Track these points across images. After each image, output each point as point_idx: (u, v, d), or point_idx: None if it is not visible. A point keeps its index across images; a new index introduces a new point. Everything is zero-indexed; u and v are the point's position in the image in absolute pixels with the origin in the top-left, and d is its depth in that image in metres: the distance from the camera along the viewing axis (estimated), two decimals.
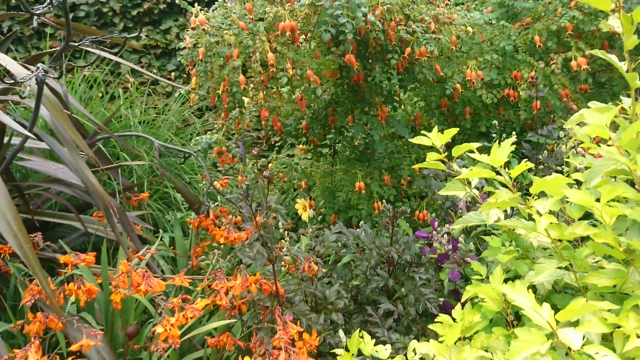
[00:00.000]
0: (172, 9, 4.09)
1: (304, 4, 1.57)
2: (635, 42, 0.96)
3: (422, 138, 1.11)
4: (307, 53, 1.82)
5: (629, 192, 0.93)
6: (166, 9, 4.08)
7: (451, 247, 1.65)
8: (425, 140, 1.10)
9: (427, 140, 1.10)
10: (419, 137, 1.11)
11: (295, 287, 1.44)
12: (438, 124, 2.63)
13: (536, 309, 0.73)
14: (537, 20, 2.16)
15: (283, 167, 2.49)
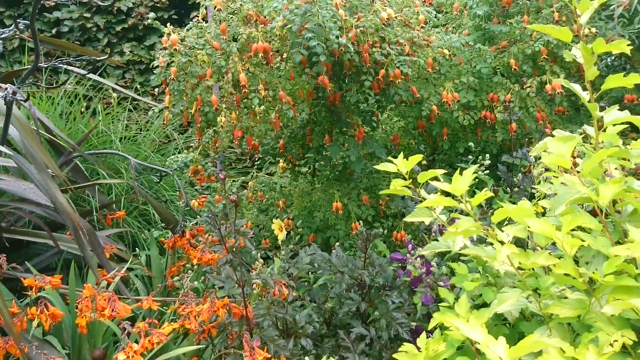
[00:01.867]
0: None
1: (274, 26, 1.57)
2: (595, 73, 0.96)
3: (387, 165, 1.10)
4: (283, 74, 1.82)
5: (591, 223, 0.93)
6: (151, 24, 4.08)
7: (425, 271, 1.64)
8: (390, 167, 1.09)
9: (392, 167, 1.09)
10: (384, 164, 1.11)
11: (264, 311, 1.41)
12: (417, 144, 2.64)
13: (488, 344, 0.72)
14: (513, 43, 2.18)
15: (262, 186, 2.48)
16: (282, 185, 2.55)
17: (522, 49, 2.11)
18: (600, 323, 0.87)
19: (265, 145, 2.26)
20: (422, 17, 1.91)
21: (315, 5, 1.50)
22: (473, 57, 2.23)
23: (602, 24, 2.17)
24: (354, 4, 1.79)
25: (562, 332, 0.97)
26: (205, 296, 1.42)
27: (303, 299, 1.73)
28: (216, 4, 1.66)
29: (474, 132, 2.36)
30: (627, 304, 0.76)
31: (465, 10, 2.33)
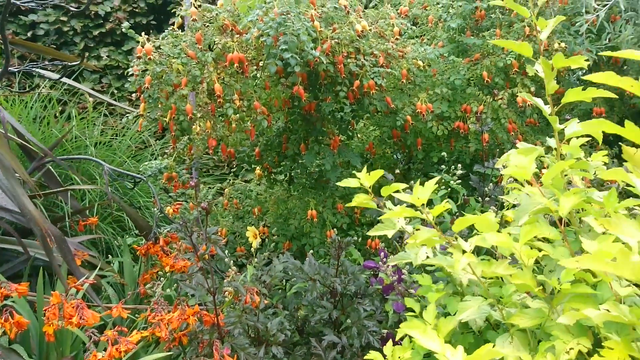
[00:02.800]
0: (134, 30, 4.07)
1: (249, 38, 1.59)
2: (555, 87, 0.99)
3: (349, 180, 1.12)
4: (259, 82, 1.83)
5: (551, 233, 0.96)
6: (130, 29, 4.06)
7: (396, 279, 1.65)
8: (352, 183, 1.11)
9: (354, 182, 1.11)
10: (346, 180, 1.12)
11: (235, 319, 1.42)
12: (393, 153, 2.67)
13: (445, 353, 0.74)
14: (486, 56, 2.23)
15: (238, 194, 2.48)
16: (259, 193, 2.56)
17: (494, 62, 2.16)
18: (558, 331, 0.89)
19: (241, 152, 2.27)
20: (397, 29, 1.95)
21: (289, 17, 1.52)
22: (447, 69, 2.27)
23: (570, 39, 2.24)
24: (329, 16, 1.81)
25: (523, 340, 0.99)
26: (176, 304, 1.42)
27: (276, 306, 1.73)
28: (191, 14, 1.67)
29: (448, 142, 2.40)
30: (581, 315, 0.79)
31: (440, 22, 2.37)
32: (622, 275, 0.69)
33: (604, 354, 0.71)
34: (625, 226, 0.68)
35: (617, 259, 0.68)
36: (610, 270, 0.69)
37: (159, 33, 1.92)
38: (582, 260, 0.70)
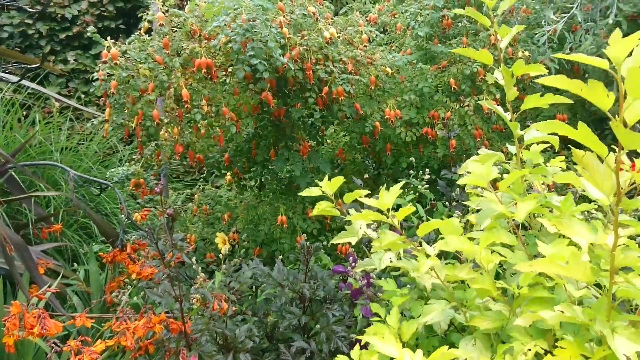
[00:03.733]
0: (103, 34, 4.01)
1: (216, 44, 1.58)
2: (515, 94, 1.02)
3: (312, 190, 1.13)
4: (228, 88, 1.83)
5: (508, 238, 0.98)
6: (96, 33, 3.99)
7: (365, 283, 1.66)
8: (314, 192, 1.12)
9: (317, 191, 1.12)
10: (308, 190, 1.13)
11: (202, 326, 1.40)
12: (363, 159, 2.69)
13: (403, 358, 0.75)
14: (453, 64, 2.28)
15: (207, 199, 2.46)
16: (229, 199, 2.54)
17: (461, 69, 2.21)
18: (517, 333, 0.91)
19: (211, 158, 2.25)
20: (365, 37, 1.97)
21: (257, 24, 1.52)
22: (415, 76, 2.31)
23: (534, 48, 2.30)
24: (298, 22, 1.82)
25: (486, 343, 1.01)
26: (142, 312, 1.40)
27: (245, 313, 1.73)
28: (159, 19, 1.66)
29: (416, 148, 2.43)
30: (538, 316, 0.81)
31: (408, 30, 2.41)
32: (573, 277, 0.71)
33: (556, 353, 0.73)
34: (577, 227, 0.70)
35: (569, 262, 0.70)
36: (562, 273, 0.72)
37: (128, 37, 1.90)
38: (536, 263, 0.72)
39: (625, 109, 0.57)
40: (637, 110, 0.56)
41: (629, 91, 0.54)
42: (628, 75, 0.53)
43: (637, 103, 0.55)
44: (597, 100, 0.57)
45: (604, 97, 0.57)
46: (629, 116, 0.58)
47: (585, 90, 0.58)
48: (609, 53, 0.56)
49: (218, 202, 2.48)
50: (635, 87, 0.53)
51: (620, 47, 0.55)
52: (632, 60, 0.55)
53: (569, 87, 0.60)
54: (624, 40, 0.55)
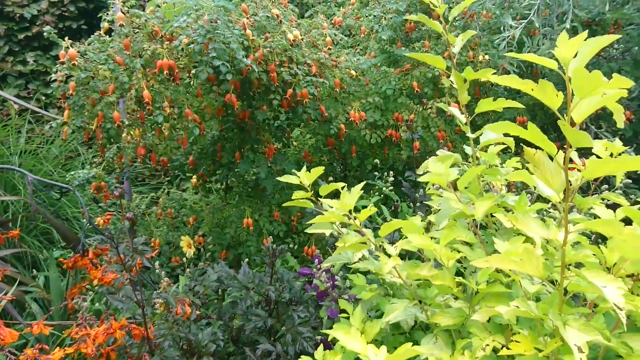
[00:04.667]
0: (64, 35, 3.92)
1: (177, 45, 1.57)
2: (467, 98, 1.05)
3: (290, 177, 1.13)
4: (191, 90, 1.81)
5: (467, 236, 1.00)
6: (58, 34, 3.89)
7: (331, 285, 1.67)
8: (293, 179, 1.12)
9: (295, 179, 1.12)
10: (287, 176, 1.13)
11: (165, 331, 1.38)
12: (329, 161, 2.70)
13: (367, 354, 0.76)
14: (416, 67, 2.31)
15: (172, 203, 2.42)
16: (194, 202, 2.51)
17: (424, 73, 2.24)
18: (475, 329, 0.94)
19: (175, 161, 2.23)
20: (329, 39, 1.98)
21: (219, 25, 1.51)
22: (379, 79, 2.34)
23: (494, 51, 2.36)
24: (262, 25, 1.82)
25: (447, 339, 1.03)
26: (103, 318, 1.37)
27: (210, 316, 1.71)
28: (119, 20, 1.63)
29: (381, 150, 2.46)
30: (494, 312, 0.83)
31: (372, 33, 2.44)
32: (527, 273, 0.73)
33: (511, 347, 0.75)
34: (531, 224, 0.72)
35: (523, 258, 0.73)
36: (516, 268, 0.74)
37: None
38: (491, 260, 0.74)
39: (573, 108, 0.59)
40: (584, 109, 0.59)
41: (575, 91, 0.56)
42: (573, 75, 0.55)
43: (583, 102, 0.58)
44: (547, 99, 0.59)
45: (553, 96, 0.59)
46: (577, 115, 0.60)
47: (536, 90, 0.59)
48: (557, 54, 0.58)
49: (183, 206, 2.45)
50: (580, 87, 0.55)
51: (567, 48, 0.57)
52: (577, 60, 0.58)
53: (521, 86, 0.62)
54: (570, 41, 0.58)
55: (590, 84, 0.54)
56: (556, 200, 0.67)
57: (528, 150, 0.64)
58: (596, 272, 0.68)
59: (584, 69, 0.55)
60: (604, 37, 0.58)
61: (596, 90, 0.55)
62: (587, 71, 0.54)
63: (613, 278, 0.67)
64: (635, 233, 0.65)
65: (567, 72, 0.57)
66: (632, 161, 0.61)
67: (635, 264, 0.83)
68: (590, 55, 0.59)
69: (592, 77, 0.54)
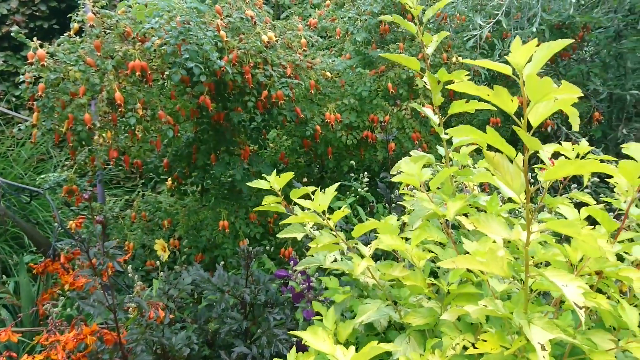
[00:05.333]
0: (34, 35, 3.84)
1: (149, 46, 1.55)
2: (440, 99, 1.06)
3: (260, 182, 1.13)
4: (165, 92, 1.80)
5: (439, 236, 1.02)
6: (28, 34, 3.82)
7: (306, 286, 1.67)
8: (263, 184, 1.12)
9: (265, 184, 1.12)
10: (257, 182, 1.13)
11: (138, 336, 1.37)
12: (306, 163, 2.71)
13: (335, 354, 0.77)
14: (391, 68, 2.33)
15: (147, 206, 2.40)
16: (170, 205, 2.49)
17: (398, 74, 2.26)
18: (446, 329, 0.95)
19: (149, 163, 2.20)
20: (304, 41, 1.98)
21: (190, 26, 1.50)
22: (355, 80, 2.35)
23: (467, 53, 2.40)
24: (236, 26, 1.81)
25: (419, 339, 1.04)
26: (73, 324, 1.34)
27: (185, 320, 1.70)
28: (89, 20, 1.60)
29: (358, 151, 2.47)
30: (463, 311, 0.84)
31: (348, 35, 2.45)
32: (492, 272, 0.75)
33: (478, 345, 0.77)
34: (493, 224, 0.74)
35: (487, 258, 0.74)
36: (482, 268, 0.75)
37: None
38: (458, 260, 0.75)
39: (529, 112, 0.60)
40: (539, 113, 0.60)
41: (530, 95, 0.58)
42: (527, 80, 0.57)
43: (538, 106, 0.59)
44: (503, 104, 0.61)
45: (508, 101, 0.60)
46: (533, 118, 0.62)
47: (492, 95, 0.61)
48: (511, 59, 0.59)
49: (158, 209, 2.43)
50: (534, 91, 0.57)
51: (520, 53, 0.58)
52: (531, 66, 0.59)
53: (476, 93, 0.63)
54: (524, 47, 0.59)
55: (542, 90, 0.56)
56: (517, 201, 0.69)
57: (487, 154, 0.66)
58: (557, 272, 0.70)
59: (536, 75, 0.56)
60: (557, 42, 0.60)
61: (548, 95, 0.56)
62: (538, 77, 0.56)
63: (574, 277, 0.68)
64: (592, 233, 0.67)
65: (522, 77, 0.59)
66: (589, 164, 0.62)
67: (598, 262, 0.85)
68: (544, 61, 0.60)
69: (544, 83, 0.55)
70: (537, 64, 0.58)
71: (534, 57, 0.59)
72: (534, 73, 0.56)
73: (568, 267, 0.91)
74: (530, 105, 0.58)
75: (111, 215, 2.35)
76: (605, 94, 2.66)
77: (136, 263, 2.40)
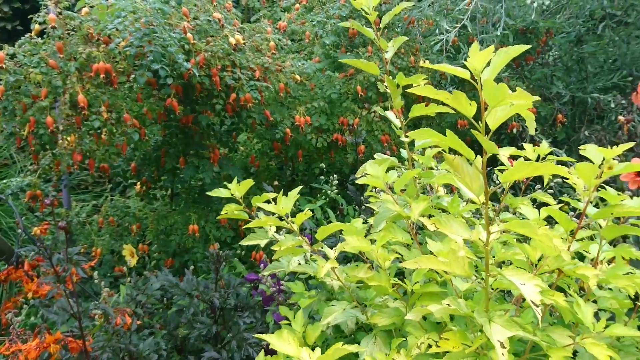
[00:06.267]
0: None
1: (113, 48, 1.53)
2: (400, 103, 1.08)
3: (220, 190, 1.12)
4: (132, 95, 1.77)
5: (403, 237, 1.03)
6: None
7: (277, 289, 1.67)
8: (223, 192, 1.12)
9: (225, 192, 1.11)
10: (217, 190, 1.12)
11: (104, 343, 1.34)
12: (277, 165, 2.70)
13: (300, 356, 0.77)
14: (360, 72, 2.35)
15: (115, 211, 2.36)
16: (139, 209, 2.45)
17: (367, 77, 2.28)
18: (411, 328, 0.96)
19: (117, 167, 2.17)
20: (273, 44, 1.98)
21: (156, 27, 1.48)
22: (325, 83, 2.36)
23: (434, 57, 2.43)
24: (204, 29, 1.80)
25: (385, 340, 1.05)
26: (36, 332, 1.31)
27: (153, 326, 1.67)
28: (50, 21, 1.57)
29: (328, 154, 2.48)
30: (427, 310, 0.85)
31: (317, 38, 2.46)
32: (454, 272, 0.76)
33: (440, 344, 0.78)
34: (453, 225, 0.75)
35: (449, 258, 0.75)
36: (444, 268, 0.76)
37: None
38: (421, 260, 0.76)
39: (486, 116, 0.62)
40: (496, 117, 0.62)
41: (487, 99, 0.59)
42: (484, 85, 0.58)
43: (494, 110, 0.61)
44: (461, 108, 0.62)
45: (467, 105, 0.62)
46: (491, 122, 0.63)
47: (451, 99, 0.62)
48: (469, 64, 0.61)
49: (127, 213, 2.39)
50: (491, 96, 0.58)
51: (478, 58, 0.60)
52: (489, 70, 0.61)
53: (436, 96, 0.64)
54: (482, 52, 0.60)
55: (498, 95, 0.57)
56: (477, 202, 0.70)
57: (447, 156, 0.67)
58: (516, 271, 0.72)
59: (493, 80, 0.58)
60: (514, 47, 0.61)
61: (504, 100, 0.58)
62: (495, 83, 0.57)
63: (531, 276, 0.70)
64: (547, 233, 0.69)
65: (480, 82, 0.60)
66: (543, 166, 0.64)
67: (556, 261, 0.88)
68: (502, 66, 0.62)
69: (500, 89, 0.56)
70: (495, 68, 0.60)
71: (492, 61, 0.60)
72: (492, 78, 0.57)
73: (529, 266, 0.93)
74: (488, 109, 0.60)
75: (77, 221, 2.30)
76: (568, 97, 2.74)
77: (104, 269, 2.36)
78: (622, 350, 1.00)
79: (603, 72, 2.76)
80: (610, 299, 1.00)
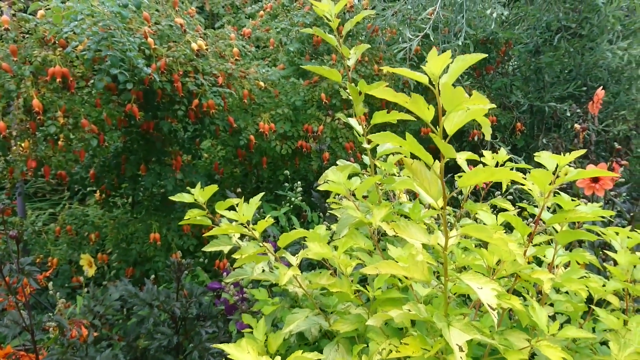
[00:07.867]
0: None
1: (69, 52, 1.49)
2: (362, 110, 1.09)
3: (183, 195, 1.11)
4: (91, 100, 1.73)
5: (365, 243, 1.03)
6: None
7: (240, 298, 1.65)
8: (186, 198, 1.10)
9: (188, 198, 1.10)
10: (180, 195, 1.11)
11: (58, 356, 1.29)
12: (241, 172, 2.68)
13: None
14: (324, 79, 2.36)
15: (73, 219, 2.29)
16: (99, 217, 2.39)
17: (331, 84, 2.30)
18: (373, 334, 0.96)
19: (75, 175, 2.10)
20: (236, 50, 1.97)
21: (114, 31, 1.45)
22: (289, 90, 2.36)
23: (398, 65, 2.47)
24: (165, 34, 1.78)
25: (347, 346, 1.04)
26: None
27: (112, 337, 1.63)
28: (3, 23, 1.52)
29: (293, 161, 2.48)
30: (387, 316, 0.86)
31: (282, 45, 2.46)
32: (414, 277, 0.77)
33: (400, 349, 0.78)
34: (412, 230, 0.76)
35: (409, 263, 0.76)
36: (404, 274, 0.77)
37: None
38: (381, 266, 0.76)
39: (444, 120, 0.63)
40: (454, 121, 0.63)
41: (444, 104, 0.60)
42: (442, 89, 0.59)
43: (452, 115, 0.62)
44: (420, 112, 0.63)
45: (425, 110, 0.63)
46: (449, 126, 0.64)
47: (410, 103, 0.63)
48: (427, 69, 0.62)
49: (85, 222, 2.32)
50: (449, 100, 0.59)
51: (435, 64, 0.61)
52: (447, 76, 0.62)
53: (395, 99, 0.65)
54: (439, 57, 0.61)
55: (455, 99, 0.58)
56: (436, 207, 0.71)
57: (406, 160, 0.68)
58: (473, 275, 0.73)
59: (451, 85, 0.58)
60: (471, 55, 0.63)
61: (461, 104, 0.59)
62: (452, 87, 0.58)
63: (488, 280, 0.71)
64: (503, 238, 0.71)
65: (437, 87, 0.61)
66: (499, 172, 0.66)
67: (513, 265, 0.90)
68: (460, 72, 0.63)
69: (457, 93, 0.57)
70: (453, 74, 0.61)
71: (451, 67, 0.61)
72: (450, 83, 0.58)
73: (487, 271, 0.95)
74: (445, 114, 0.61)
75: (33, 230, 2.22)
76: (527, 105, 2.82)
77: (61, 280, 2.28)
78: (578, 352, 1.03)
79: (559, 82, 2.86)
80: (565, 302, 1.03)
